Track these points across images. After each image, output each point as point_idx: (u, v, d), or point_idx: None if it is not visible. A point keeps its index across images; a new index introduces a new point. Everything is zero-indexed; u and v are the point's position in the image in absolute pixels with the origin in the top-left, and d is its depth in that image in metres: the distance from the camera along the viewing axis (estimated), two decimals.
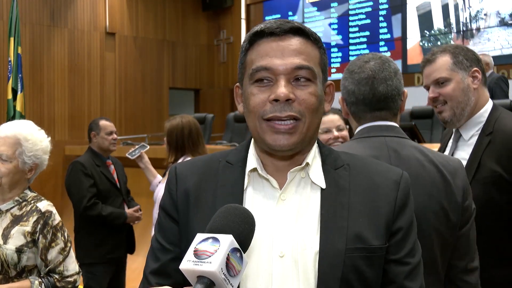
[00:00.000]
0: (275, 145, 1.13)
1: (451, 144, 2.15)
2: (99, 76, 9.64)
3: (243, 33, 10.84)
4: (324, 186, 1.16)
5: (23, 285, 2.18)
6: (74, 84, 9.32)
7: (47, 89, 9.03)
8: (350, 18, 9.63)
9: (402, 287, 1.16)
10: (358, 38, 9.55)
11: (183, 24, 10.87)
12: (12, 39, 6.08)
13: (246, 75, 1.18)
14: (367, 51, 9.15)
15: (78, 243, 4.11)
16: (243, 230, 0.98)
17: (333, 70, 9.62)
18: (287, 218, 1.14)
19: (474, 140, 2.04)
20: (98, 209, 4.04)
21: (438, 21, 8.66)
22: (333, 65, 9.68)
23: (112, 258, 4.15)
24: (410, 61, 8.87)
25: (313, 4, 10.09)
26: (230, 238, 0.94)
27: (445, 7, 8.56)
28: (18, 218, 2.26)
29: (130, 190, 4.60)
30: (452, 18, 8.51)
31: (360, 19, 9.53)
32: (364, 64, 1.70)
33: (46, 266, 2.24)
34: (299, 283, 1.11)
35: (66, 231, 2.32)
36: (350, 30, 9.65)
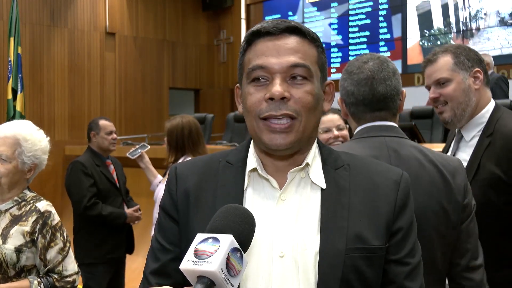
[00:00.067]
0: (272, 144, 1.13)
1: (453, 145, 2.14)
2: (99, 76, 9.64)
3: (243, 33, 10.84)
4: (324, 186, 1.16)
5: (22, 284, 2.18)
6: (74, 84, 9.32)
7: (47, 89, 9.02)
8: (350, 18, 9.63)
9: (402, 287, 1.16)
10: (358, 38, 9.54)
11: (183, 24, 10.87)
12: (12, 39, 6.08)
13: (244, 75, 1.18)
14: (367, 51, 9.14)
15: (78, 243, 4.10)
16: (243, 230, 0.98)
17: (333, 70, 9.61)
18: (287, 218, 1.14)
19: (475, 141, 2.02)
20: (98, 209, 4.04)
21: (438, 21, 8.66)
22: (333, 65, 9.67)
23: (112, 258, 4.15)
24: (410, 61, 8.87)
25: (313, 4, 10.09)
26: (230, 238, 0.94)
27: (445, 7, 8.56)
28: (17, 218, 2.26)
29: (130, 190, 4.60)
30: (452, 17, 8.51)
31: (360, 19, 9.52)
32: (362, 64, 1.70)
33: (45, 266, 2.23)
34: (299, 283, 1.10)
35: (65, 231, 2.32)
36: (350, 30, 9.65)
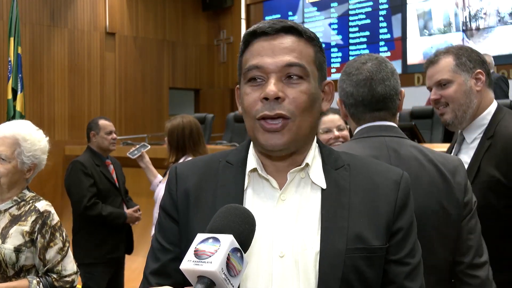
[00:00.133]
0: (267, 144, 1.13)
1: (455, 147, 2.14)
2: (99, 76, 9.64)
3: (243, 33, 10.81)
4: (324, 186, 1.16)
5: (21, 284, 2.18)
6: (74, 84, 9.32)
7: (47, 89, 9.02)
8: (350, 18, 9.63)
9: (402, 287, 1.16)
10: (358, 38, 9.54)
11: (183, 24, 10.87)
12: (12, 39, 6.08)
13: (241, 75, 1.18)
14: (367, 51, 9.15)
15: (78, 243, 4.10)
16: (244, 230, 0.98)
17: (333, 70, 9.61)
18: (287, 218, 1.14)
19: (477, 143, 2.01)
20: (98, 209, 4.04)
21: (438, 21, 8.66)
22: (333, 65, 9.67)
23: (111, 258, 4.15)
24: (410, 61, 8.87)
25: (313, 4, 10.08)
26: (230, 238, 0.93)
27: (445, 7, 8.56)
28: (16, 218, 2.26)
29: (130, 190, 4.60)
30: (452, 17, 8.51)
31: (360, 19, 9.52)
32: (361, 65, 1.70)
33: (44, 265, 2.24)
34: (299, 283, 1.10)
35: (64, 231, 2.32)
36: (350, 30, 9.65)
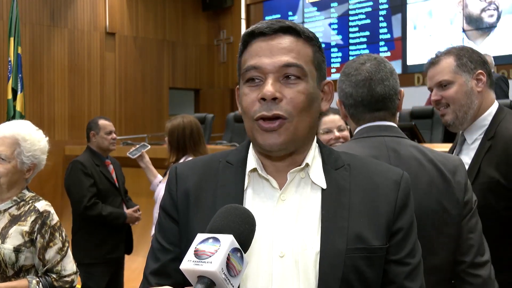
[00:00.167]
0: (265, 144, 1.13)
1: (456, 147, 2.13)
2: (99, 76, 9.64)
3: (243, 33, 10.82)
4: (324, 186, 1.16)
5: (21, 284, 2.18)
6: (74, 84, 9.32)
7: (47, 89, 9.02)
8: (350, 18, 9.63)
9: (402, 287, 1.16)
10: (358, 38, 9.54)
11: (183, 24, 10.87)
12: (12, 39, 6.08)
13: (240, 76, 1.19)
14: (367, 51, 9.14)
15: (78, 243, 4.10)
16: (244, 230, 0.98)
17: (333, 70, 9.60)
18: (287, 218, 1.14)
19: (477, 144, 2.01)
20: (98, 209, 4.04)
21: (438, 21, 8.65)
22: (333, 65, 9.67)
23: (111, 259, 4.15)
24: (410, 61, 8.87)
25: (313, 4, 10.08)
26: (230, 238, 0.93)
27: (445, 7, 8.56)
28: (16, 218, 2.26)
29: (130, 190, 4.60)
30: (452, 17, 8.51)
31: (360, 19, 9.52)
32: (360, 66, 1.70)
33: (44, 265, 2.24)
34: (299, 283, 1.10)
35: (64, 231, 2.32)
36: (350, 30, 9.64)
